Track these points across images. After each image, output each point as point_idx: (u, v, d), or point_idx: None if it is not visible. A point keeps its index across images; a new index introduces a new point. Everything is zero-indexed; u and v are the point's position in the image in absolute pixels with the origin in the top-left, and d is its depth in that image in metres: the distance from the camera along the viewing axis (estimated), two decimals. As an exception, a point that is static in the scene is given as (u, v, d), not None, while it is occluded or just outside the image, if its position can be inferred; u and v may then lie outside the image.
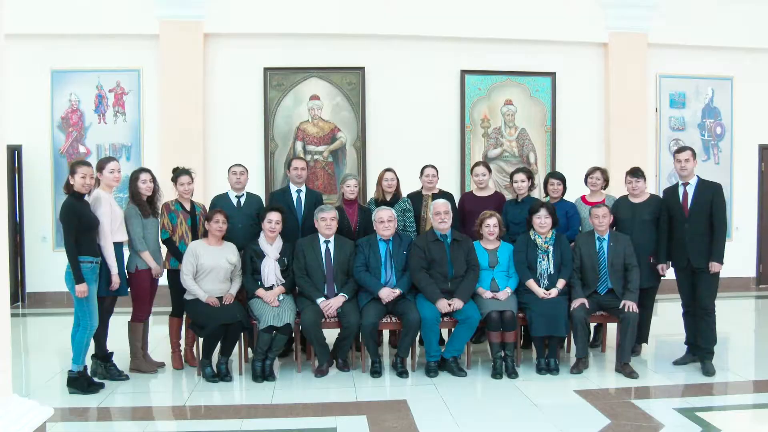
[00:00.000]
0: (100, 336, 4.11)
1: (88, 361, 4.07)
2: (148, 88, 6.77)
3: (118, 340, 4.39)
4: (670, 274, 4.55)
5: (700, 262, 4.24)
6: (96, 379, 4.04)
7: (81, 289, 3.74)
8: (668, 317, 5.83)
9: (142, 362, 4.34)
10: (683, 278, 4.40)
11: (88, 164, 3.91)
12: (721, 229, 4.22)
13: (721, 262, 4.24)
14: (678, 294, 4.49)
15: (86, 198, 3.92)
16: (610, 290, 4.36)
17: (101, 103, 6.78)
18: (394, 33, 6.89)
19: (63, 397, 3.84)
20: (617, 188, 5.17)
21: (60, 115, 6.77)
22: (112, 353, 4.21)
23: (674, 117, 7.42)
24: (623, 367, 4.22)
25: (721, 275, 4.29)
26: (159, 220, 4.38)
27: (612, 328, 4.65)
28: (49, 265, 6.61)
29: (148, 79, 6.76)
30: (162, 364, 4.48)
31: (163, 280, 4.43)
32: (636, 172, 4.57)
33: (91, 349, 4.07)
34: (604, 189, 4.90)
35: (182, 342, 4.55)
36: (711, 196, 4.24)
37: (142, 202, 4.24)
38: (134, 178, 4.27)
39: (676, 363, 4.45)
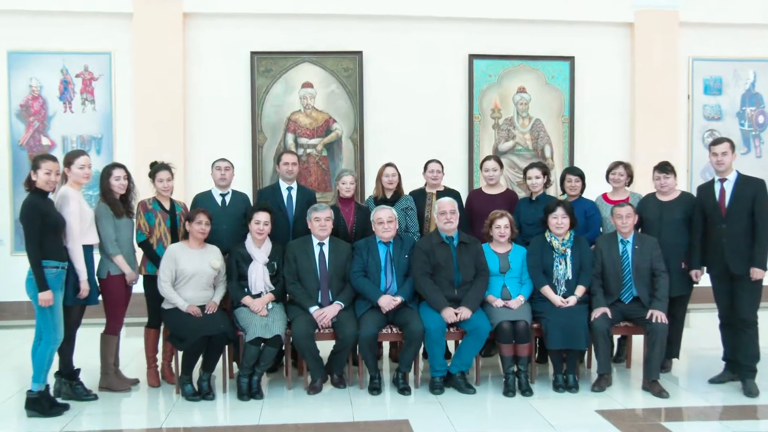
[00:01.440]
0: (66, 350, 4.11)
1: (51, 380, 4.05)
2: (120, 73, 6.78)
3: (85, 355, 4.38)
4: (704, 280, 4.56)
5: (739, 268, 4.24)
6: (59, 400, 4.03)
7: (45, 297, 3.74)
8: (702, 329, 5.84)
9: (114, 379, 4.36)
10: (720, 286, 4.40)
11: (54, 159, 3.90)
12: (764, 230, 4.20)
13: (764, 268, 4.24)
14: (714, 303, 4.49)
15: (50, 196, 3.93)
16: (635, 298, 4.40)
17: (67, 89, 6.79)
18: (394, 13, 6.92)
19: (20, 421, 3.83)
20: (643, 185, 5.22)
21: (19, 103, 6.75)
22: (78, 370, 4.21)
23: (709, 105, 7.43)
24: (651, 385, 4.24)
25: (764, 282, 4.28)
26: (134, 220, 4.42)
27: (638, 340, 4.68)
28: (6, 272, 6.60)
29: (120, 64, 6.77)
30: (136, 382, 4.50)
31: (138, 287, 4.46)
32: (665, 167, 4.60)
33: (55, 366, 4.04)
34: (628, 186, 4.95)
35: (159, 356, 4.57)
36: (752, 193, 4.23)
37: (114, 201, 4.27)
38: (106, 174, 4.29)
39: (713, 381, 4.45)
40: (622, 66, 7.26)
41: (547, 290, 4.39)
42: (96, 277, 4.22)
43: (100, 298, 4.26)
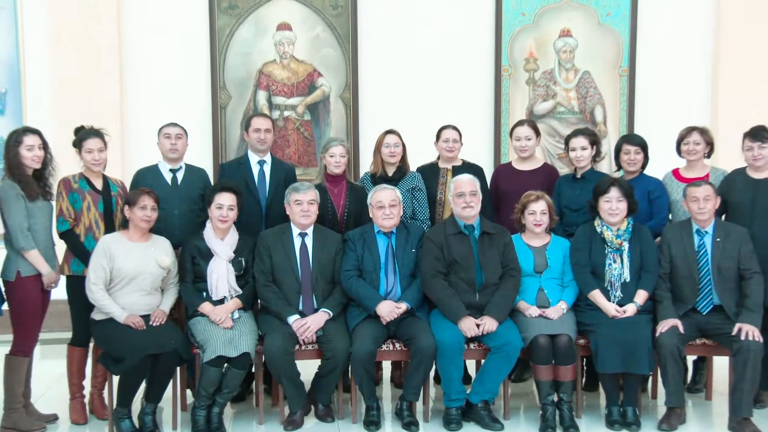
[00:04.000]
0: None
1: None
2: (29, 5, 6.70)
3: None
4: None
5: None
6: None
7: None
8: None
9: (22, 416, 4.32)
10: None
11: None
12: None
13: None
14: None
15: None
16: (716, 308, 4.41)
17: (-48, 27, 6.77)
18: (399, -69, 6.94)
19: None
20: (729, 158, 5.20)
21: None
22: (-26, 405, 4.25)
23: (827, 47, 7.34)
24: (741, 425, 4.23)
25: None
26: (54, 203, 4.43)
27: (721, 364, 4.70)
28: None
29: (29, -8, 6.74)
30: (54, 418, 4.51)
31: (59, 292, 4.47)
32: (759, 134, 4.58)
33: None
34: (708, 158, 4.95)
35: (87, 383, 4.60)
36: None
37: (26, 178, 4.26)
38: (14, 142, 4.26)
39: None
40: (702, -2, 7.23)
41: (597, 296, 4.41)
42: (0, 280, 4.24)
43: (5, 306, 4.26)
